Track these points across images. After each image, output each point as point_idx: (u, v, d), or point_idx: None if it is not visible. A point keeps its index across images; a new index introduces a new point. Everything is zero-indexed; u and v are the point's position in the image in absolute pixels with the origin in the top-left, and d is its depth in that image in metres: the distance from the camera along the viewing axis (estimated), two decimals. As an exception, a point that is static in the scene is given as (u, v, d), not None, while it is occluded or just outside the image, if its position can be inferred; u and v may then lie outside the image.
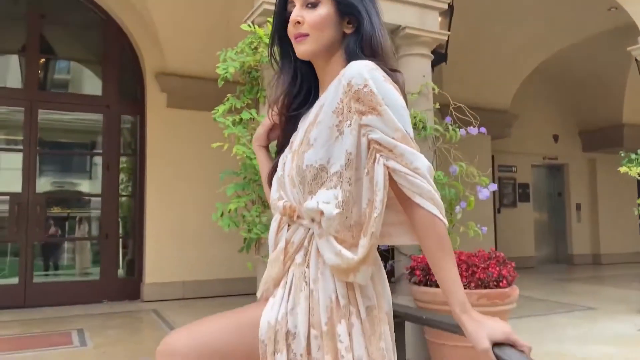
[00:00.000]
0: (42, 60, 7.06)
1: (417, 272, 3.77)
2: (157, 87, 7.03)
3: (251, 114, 3.60)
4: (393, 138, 1.19)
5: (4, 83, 7.03)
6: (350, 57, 1.29)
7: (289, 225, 1.26)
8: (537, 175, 11.84)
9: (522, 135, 10.85)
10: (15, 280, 6.67)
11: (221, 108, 3.65)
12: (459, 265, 3.61)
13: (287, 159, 1.31)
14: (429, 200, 1.19)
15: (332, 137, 1.22)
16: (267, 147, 1.55)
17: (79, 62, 7.57)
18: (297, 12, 1.30)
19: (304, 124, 1.32)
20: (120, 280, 7.09)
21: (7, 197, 6.69)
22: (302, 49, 1.31)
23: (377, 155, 1.19)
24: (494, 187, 4.24)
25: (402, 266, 4.09)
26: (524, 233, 11.24)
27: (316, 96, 1.36)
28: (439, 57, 6.96)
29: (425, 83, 4.35)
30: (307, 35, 1.29)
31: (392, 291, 1.40)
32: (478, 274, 3.56)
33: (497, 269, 3.61)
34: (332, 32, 1.30)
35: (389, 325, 1.27)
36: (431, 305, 3.65)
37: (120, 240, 7.27)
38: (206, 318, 1.28)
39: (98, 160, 7.29)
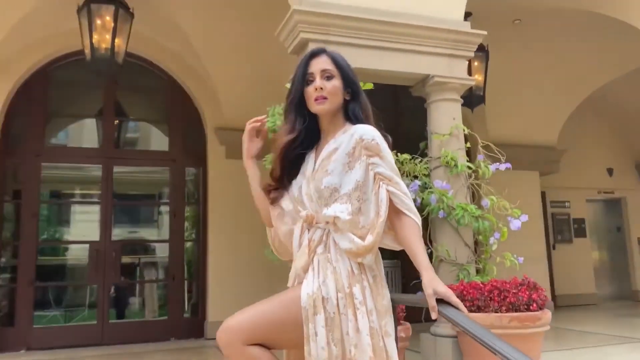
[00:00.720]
0: (116, 122, 7.98)
1: (453, 299, 4.05)
2: (217, 140, 7.76)
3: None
4: (390, 172, 1.79)
5: (84, 143, 7.99)
6: (352, 117, 1.82)
7: (308, 230, 1.73)
8: (593, 209, 11.68)
9: (574, 169, 10.83)
10: (94, 321, 7.36)
11: (269, 157, 4.20)
12: (491, 291, 3.88)
13: (302, 183, 1.80)
14: (412, 212, 1.78)
15: (344, 171, 1.78)
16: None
17: (148, 122, 8.45)
18: (319, 82, 1.83)
19: (313, 159, 1.80)
20: (185, 320, 7.65)
21: (87, 245, 7.49)
22: (320, 108, 1.83)
23: (381, 182, 1.76)
24: (524, 218, 4.50)
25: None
26: (582, 269, 11.02)
27: (315, 141, 1.84)
28: (477, 98, 7.35)
29: (455, 125, 4.71)
30: (326, 98, 1.79)
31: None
32: (509, 299, 3.81)
33: (528, 293, 3.85)
34: (340, 98, 1.83)
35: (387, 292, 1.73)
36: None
37: (185, 282, 7.87)
38: (253, 304, 1.73)
39: (165, 209, 8.03)
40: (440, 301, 1.64)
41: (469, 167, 4.64)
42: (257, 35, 6.80)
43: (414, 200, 4.33)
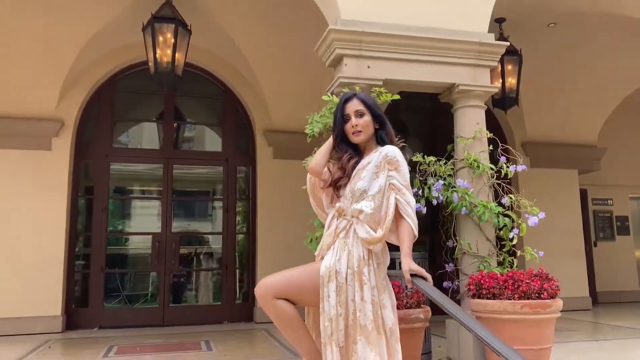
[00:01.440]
0: (175, 125, 8.79)
1: (472, 287, 4.51)
2: (265, 142, 8.44)
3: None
4: (402, 184, 2.31)
5: (146, 145, 8.85)
6: (381, 141, 2.40)
7: (337, 218, 2.30)
8: (637, 207, 11.64)
9: (617, 167, 10.88)
10: (156, 304, 8.21)
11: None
12: (506, 281, 4.31)
13: (344, 191, 2.41)
14: (410, 218, 2.31)
15: (372, 179, 2.36)
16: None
17: (203, 125, 9.23)
18: (354, 121, 2.41)
19: (354, 174, 2.39)
20: (237, 305, 8.40)
21: (150, 236, 8.34)
22: (357, 139, 2.42)
23: (392, 191, 2.32)
24: (542, 215, 4.86)
25: (463, 285, 4.83)
26: (625, 267, 11.06)
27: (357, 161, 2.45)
28: (510, 101, 7.67)
29: (479, 129, 5.12)
30: (360, 131, 2.36)
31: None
32: (522, 288, 4.23)
33: (540, 283, 4.26)
34: (371, 129, 2.41)
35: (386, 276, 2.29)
36: (482, 314, 4.37)
37: (237, 271, 8.60)
38: (285, 270, 2.32)
39: (218, 204, 8.78)
40: (415, 276, 2.17)
41: (491, 168, 5.04)
42: (300, 47, 7.39)
43: (437, 198, 4.84)
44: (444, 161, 5.00)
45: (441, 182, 4.85)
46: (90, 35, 7.43)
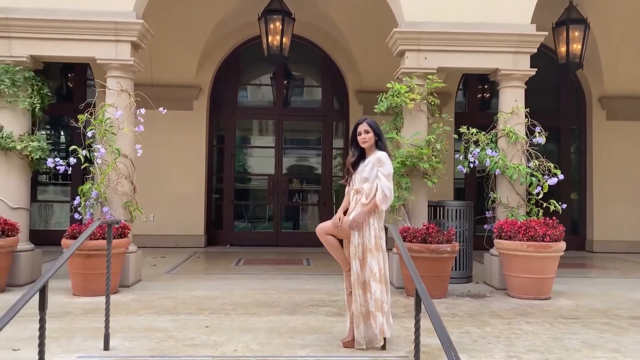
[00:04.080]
0: (285, 87, 10.70)
1: (496, 230, 6.01)
2: (357, 101, 10.06)
3: (393, 135, 6.26)
4: (384, 175, 3.84)
5: (263, 104, 10.91)
6: (379, 148, 3.94)
7: (354, 195, 3.98)
8: None
9: None
10: (271, 229, 10.54)
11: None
12: (520, 227, 5.74)
13: (356, 178, 3.98)
14: (380, 198, 3.75)
15: (370, 170, 3.90)
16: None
17: (307, 87, 11.06)
18: (363, 135, 3.94)
19: (359, 166, 3.98)
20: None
21: (266, 177, 10.57)
22: (364, 145, 3.97)
23: (377, 180, 3.84)
24: (561, 177, 6.09)
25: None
26: None
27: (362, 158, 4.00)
28: (575, 65, 8.49)
29: (517, 106, 6.33)
30: (366, 141, 3.96)
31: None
32: (530, 233, 5.66)
33: (544, 229, 5.64)
34: (372, 140, 3.95)
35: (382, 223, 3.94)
36: (502, 250, 5.89)
37: (333, 206, 10.59)
38: (328, 221, 4.09)
39: (319, 152, 10.72)
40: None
41: (524, 138, 6.30)
42: (386, 16, 8.70)
43: (473, 162, 6.26)
44: (482, 132, 6.35)
45: (477, 150, 6.25)
46: (219, 19, 9.40)
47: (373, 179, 3.84)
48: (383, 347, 3.79)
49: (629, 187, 10.25)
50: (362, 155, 3.99)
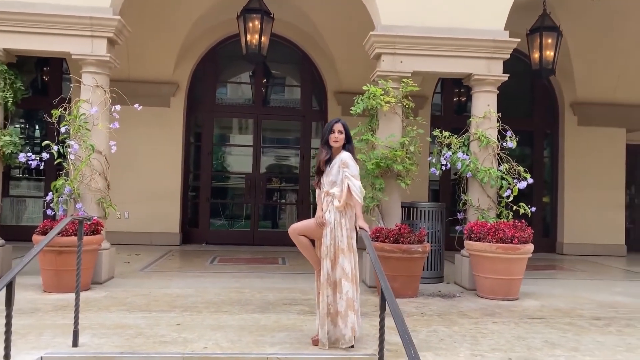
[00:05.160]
0: (264, 88, 10.72)
1: (466, 232, 6.14)
2: (335, 101, 10.14)
3: (369, 136, 6.35)
4: (351, 175, 3.90)
5: (241, 102, 10.91)
6: (346, 149, 4.00)
7: (325, 197, 4.05)
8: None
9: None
10: (248, 228, 10.55)
11: (352, 131, 6.43)
12: (490, 229, 5.87)
13: (324, 180, 4.05)
14: (356, 194, 3.84)
15: (337, 174, 3.96)
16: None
17: (286, 86, 11.09)
18: (336, 135, 4.00)
19: (327, 169, 4.05)
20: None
21: (244, 176, 10.57)
22: (336, 146, 4.03)
23: (346, 180, 3.90)
24: (530, 180, 6.25)
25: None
26: (673, 219, 11.76)
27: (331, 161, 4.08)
28: (547, 72, 8.69)
29: (489, 110, 6.47)
30: (337, 142, 4.02)
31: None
32: (499, 234, 5.79)
33: (513, 231, 5.78)
34: (342, 142, 4.01)
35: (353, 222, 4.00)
36: (471, 251, 6.02)
37: (311, 205, 10.65)
38: (304, 220, 4.14)
39: (297, 152, 10.76)
40: (362, 229, 3.86)
41: (495, 142, 6.44)
42: (364, 24, 8.82)
43: (445, 165, 6.38)
44: (455, 136, 6.48)
45: (449, 153, 6.38)
46: (197, 16, 9.38)
47: (340, 182, 3.90)
48: (352, 346, 3.86)
49: (598, 192, 10.52)
50: (327, 154, 4.03)
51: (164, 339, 3.93)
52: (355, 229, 3.97)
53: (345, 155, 3.93)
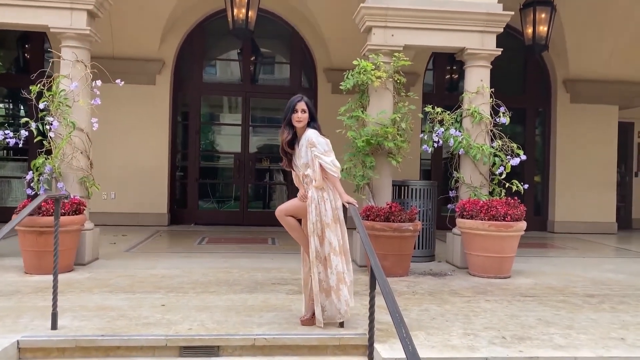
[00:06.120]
0: (252, 63, 10.47)
1: (458, 210, 6.03)
2: (325, 78, 9.93)
3: (359, 113, 6.18)
4: (321, 153, 3.71)
5: (229, 79, 10.67)
6: (311, 127, 3.80)
7: (303, 179, 3.87)
8: (683, 140, 12.03)
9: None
10: (237, 208, 10.40)
11: (342, 108, 6.31)
12: (482, 207, 5.76)
13: (297, 163, 3.85)
14: (331, 170, 3.67)
15: (306, 154, 3.77)
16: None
17: (275, 63, 10.84)
18: (299, 115, 3.77)
19: (295, 149, 3.85)
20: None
21: (232, 155, 10.38)
22: (298, 125, 3.81)
23: (316, 159, 3.70)
24: (523, 157, 6.13)
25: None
26: (663, 197, 11.77)
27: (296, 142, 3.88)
28: (540, 47, 8.53)
29: (482, 85, 6.32)
30: (301, 121, 3.82)
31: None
32: (492, 212, 5.69)
33: (505, 209, 5.68)
34: (306, 120, 3.80)
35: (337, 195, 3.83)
36: (463, 229, 5.92)
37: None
38: (290, 200, 3.99)
39: (287, 130, 10.56)
40: (350, 204, 3.73)
41: (488, 118, 6.31)
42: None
43: (437, 142, 6.25)
44: (447, 112, 6.34)
45: (442, 129, 6.24)
46: (183, -10, 9.09)
47: (312, 161, 3.72)
48: (341, 325, 3.75)
49: (590, 170, 10.46)
50: (295, 133, 3.84)
51: (147, 320, 3.80)
52: (344, 205, 3.83)
53: (310, 134, 3.73)
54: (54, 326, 3.48)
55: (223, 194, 10.90)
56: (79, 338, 3.37)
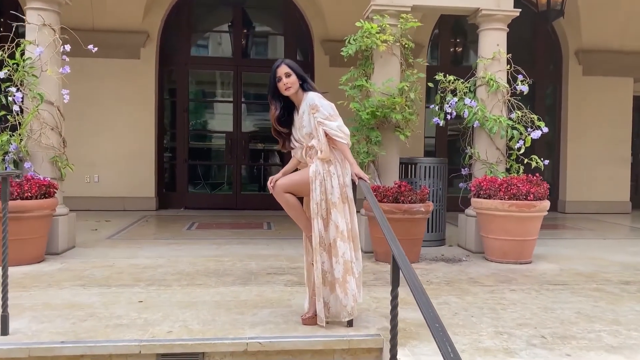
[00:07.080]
0: (244, 35, 9.75)
1: (473, 188, 5.44)
2: (322, 51, 9.24)
3: (363, 82, 5.54)
4: (324, 118, 3.10)
5: (219, 53, 9.96)
6: (305, 89, 3.18)
7: (306, 153, 3.25)
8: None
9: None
10: (230, 192, 9.78)
11: (344, 77, 5.67)
12: (501, 184, 5.18)
13: (296, 134, 3.24)
14: (339, 136, 3.08)
15: (309, 122, 3.15)
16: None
17: (268, 35, 10.13)
18: (284, 80, 3.16)
19: (295, 120, 3.24)
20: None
21: (224, 135, 9.72)
22: (288, 93, 3.21)
23: (320, 126, 3.10)
24: (545, 130, 5.54)
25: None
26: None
27: (291, 111, 3.28)
28: (555, 13, 7.87)
29: (498, 51, 5.70)
30: (290, 87, 3.20)
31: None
32: (512, 190, 5.10)
33: (528, 187, 5.09)
34: (297, 84, 3.18)
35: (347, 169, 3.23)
36: (480, 210, 5.34)
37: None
38: (290, 174, 3.36)
39: (282, 107, 9.90)
40: (360, 179, 3.13)
41: (505, 86, 5.69)
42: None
43: (450, 114, 5.65)
44: (461, 81, 5.71)
45: (454, 99, 5.61)
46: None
47: (315, 129, 3.13)
48: (349, 324, 3.17)
49: (602, 146, 9.89)
50: (287, 106, 3.26)
51: (120, 321, 3.20)
52: (353, 180, 3.23)
53: (312, 96, 3.14)
54: (4, 331, 2.89)
55: (215, 177, 10.27)
56: (32, 347, 2.77)
